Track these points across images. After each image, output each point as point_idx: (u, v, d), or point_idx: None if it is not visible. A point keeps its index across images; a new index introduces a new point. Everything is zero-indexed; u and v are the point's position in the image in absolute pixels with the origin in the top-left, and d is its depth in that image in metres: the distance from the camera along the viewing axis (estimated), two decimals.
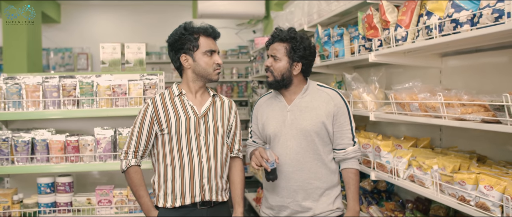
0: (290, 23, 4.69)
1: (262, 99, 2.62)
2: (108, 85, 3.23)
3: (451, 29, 2.03)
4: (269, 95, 2.58)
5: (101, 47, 3.42)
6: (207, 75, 2.39)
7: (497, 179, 1.84)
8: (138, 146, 2.38)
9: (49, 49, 8.47)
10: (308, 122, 2.39)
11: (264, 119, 2.51)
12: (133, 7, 8.61)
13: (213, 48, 2.40)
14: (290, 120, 2.42)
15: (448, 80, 2.75)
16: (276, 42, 2.45)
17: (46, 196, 3.19)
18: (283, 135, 2.42)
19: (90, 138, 3.21)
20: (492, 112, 1.84)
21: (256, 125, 2.59)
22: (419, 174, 2.39)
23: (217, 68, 2.41)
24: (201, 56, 2.37)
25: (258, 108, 2.60)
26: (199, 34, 2.37)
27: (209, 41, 2.39)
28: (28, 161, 3.19)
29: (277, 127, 2.44)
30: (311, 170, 2.40)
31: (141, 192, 2.39)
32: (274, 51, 2.44)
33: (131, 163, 2.38)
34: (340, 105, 2.44)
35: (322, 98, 2.45)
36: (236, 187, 2.53)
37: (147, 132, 2.37)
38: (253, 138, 2.63)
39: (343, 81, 3.69)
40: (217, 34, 2.44)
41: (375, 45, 2.73)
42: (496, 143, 2.44)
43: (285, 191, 2.42)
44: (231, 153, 2.56)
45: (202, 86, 2.45)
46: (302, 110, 2.42)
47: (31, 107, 3.18)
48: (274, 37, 2.46)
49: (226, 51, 8.50)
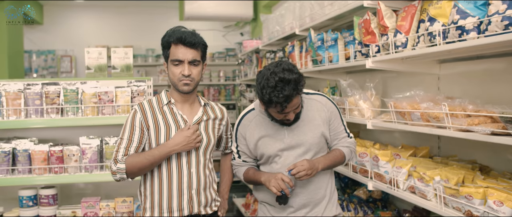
0: (281, 27, 4.60)
1: (247, 118, 2.42)
2: (94, 92, 3.09)
3: (456, 36, 1.95)
4: (254, 113, 2.41)
5: (86, 52, 3.28)
6: (175, 86, 2.28)
7: (507, 194, 1.76)
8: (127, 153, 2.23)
9: (31, 51, 8.24)
10: (308, 136, 2.29)
11: (256, 139, 2.35)
12: (118, 8, 8.43)
13: (180, 58, 2.21)
14: (289, 137, 2.31)
15: (446, 87, 2.68)
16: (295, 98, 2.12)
17: (29, 210, 3.05)
18: (283, 153, 2.31)
19: (75, 148, 3.07)
20: (502, 124, 1.76)
21: (244, 145, 2.42)
22: (421, 186, 2.30)
23: (183, 79, 2.23)
24: (170, 66, 2.26)
25: (246, 128, 2.40)
26: (170, 41, 2.23)
27: (179, 50, 2.21)
28: (9, 173, 3.04)
29: (276, 146, 2.31)
30: (317, 181, 2.35)
31: (147, 151, 2.22)
32: (295, 106, 2.17)
33: (124, 158, 2.21)
34: (332, 110, 2.40)
35: (315, 107, 2.36)
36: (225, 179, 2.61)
37: (137, 141, 2.24)
38: (242, 158, 2.46)
39: (337, 87, 3.61)
40: (188, 41, 2.20)
41: (372, 51, 2.64)
42: (497, 152, 2.37)
43: (294, 206, 2.34)
44: (227, 150, 2.62)
45: (184, 96, 2.31)
46: (299, 124, 2.31)
47: (12, 115, 3.03)
48: (291, 96, 2.08)
49: (213, 53, 8.38)
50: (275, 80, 2.05)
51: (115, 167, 2.21)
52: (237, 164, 2.48)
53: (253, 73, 5.65)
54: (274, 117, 2.24)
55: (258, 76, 2.16)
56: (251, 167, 2.43)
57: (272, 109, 2.16)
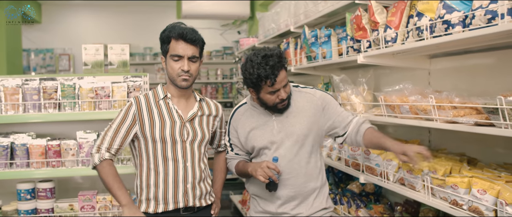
0: (276, 24, 4.65)
1: (239, 112, 2.47)
2: (91, 88, 3.14)
3: (442, 30, 2.00)
4: (246, 106, 2.46)
5: (83, 48, 3.33)
6: (173, 81, 2.31)
7: (491, 183, 1.82)
8: (112, 144, 2.28)
9: (30, 50, 8.28)
10: (297, 127, 2.32)
11: (246, 132, 2.40)
12: (116, 7, 8.47)
13: (180, 53, 2.25)
14: (278, 128, 2.34)
15: (437, 82, 2.73)
16: (280, 71, 2.19)
17: (26, 203, 3.08)
18: (272, 145, 2.34)
19: (72, 142, 3.12)
20: (485, 115, 1.81)
21: (236, 138, 2.46)
22: (410, 177, 2.36)
23: (182, 75, 2.27)
24: (169, 60, 2.29)
25: (237, 121, 2.45)
26: (170, 36, 2.27)
27: (178, 45, 2.25)
28: (7, 167, 3.08)
29: (265, 137, 2.35)
30: (306, 173, 2.34)
31: (120, 183, 2.26)
32: (284, 81, 2.22)
33: (105, 156, 2.26)
34: (323, 96, 2.39)
35: (304, 98, 2.38)
36: (218, 178, 2.63)
37: (125, 132, 2.28)
38: (234, 151, 2.50)
39: (330, 83, 3.66)
40: (189, 37, 2.25)
41: (363, 46, 2.70)
42: (486, 145, 2.42)
43: (282, 199, 2.35)
44: (219, 147, 2.63)
45: (181, 91, 2.36)
46: (289, 116, 2.34)
47: (10, 110, 3.07)
48: (277, 70, 2.17)
49: (211, 52, 8.44)
50: (258, 58, 2.18)
51: (96, 157, 2.26)
52: (230, 157, 2.53)
53: None
54: (267, 102, 2.27)
55: (242, 65, 2.27)
56: (242, 160, 2.48)
57: (263, 90, 2.22)
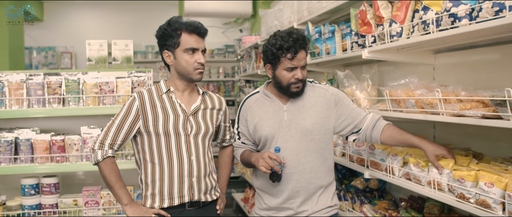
0: (279, 21, 4.65)
1: (250, 100, 2.50)
2: (95, 83, 3.14)
3: (449, 24, 1.99)
4: (258, 95, 2.48)
5: (87, 44, 3.33)
6: (187, 75, 2.30)
7: (498, 176, 1.81)
8: (116, 139, 2.28)
9: (32, 48, 8.29)
10: (308, 121, 2.32)
11: (256, 121, 2.41)
12: (118, 5, 8.48)
13: (195, 46, 2.27)
14: (288, 120, 2.34)
15: (442, 77, 2.73)
16: (302, 50, 2.26)
17: (31, 198, 3.09)
18: (280, 136, 2.34)
19: (76, 137, 3.12)
20: (492, 108, 1.80)
21: (245, 127, 2.48)
22: (417, 172, 2.35)
23: (198, 68, 2.29)
24: (181, 54, 2.28)
25: (247, 109, 2.48)
26: (181, 30, 2.27)
27: (192, 38, 2.27)
28: (11, 162, 3.08)
29: (274, 128, 2.35)
30: (313, 170, 2.34)
31: (122, 183, 2.28)
32: (303, 61, 2.29)
33: (109, 153, 2.26)
34: (336, 93, 2.42)
35: (317, 93, 2.40)
36: (223, 173, 2.63)
37: (128, 128, 2.28)
38: (241, 140, 2.52)
39: (334, 79, 3.65)
40: (202, 31, 2.30)
41: (368, 41, 2.69)
42: (491, 139, 2.42)
43: (286, 193, 2.35)
44: (224, 142, 2.63)
45: (187, 84, 2.37)
46: (300, 109, 2.35)
47: (15, 105, 3.08)
48: (299, 46, 2.24)
49: (213, 50, 8.44)
50: (284, 33, 2.26)
51: (99, 154, 2.25)
52: (236, 146, 2.54)
53: (252, 68, 5.69)
54: (282, 81, 2.30)
55: (266, 41, 2.33)
56: (247, 149, 2.47)
57: (281, 65, 2.27)
